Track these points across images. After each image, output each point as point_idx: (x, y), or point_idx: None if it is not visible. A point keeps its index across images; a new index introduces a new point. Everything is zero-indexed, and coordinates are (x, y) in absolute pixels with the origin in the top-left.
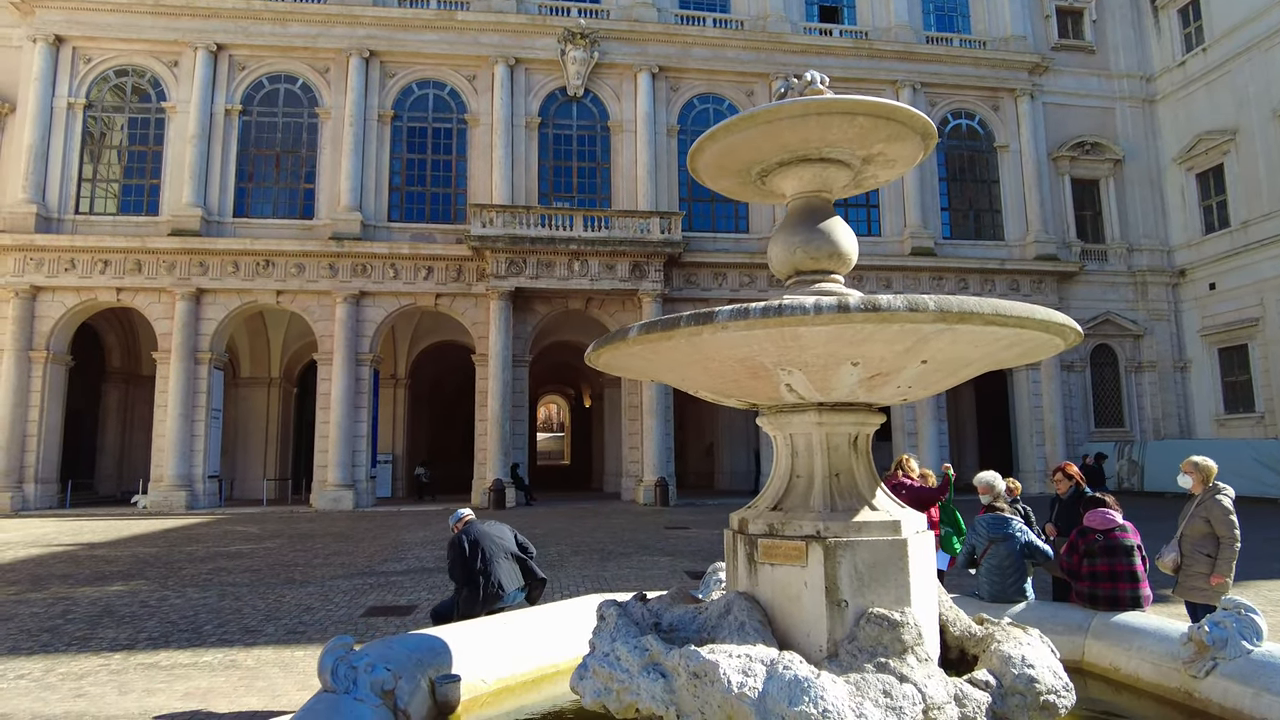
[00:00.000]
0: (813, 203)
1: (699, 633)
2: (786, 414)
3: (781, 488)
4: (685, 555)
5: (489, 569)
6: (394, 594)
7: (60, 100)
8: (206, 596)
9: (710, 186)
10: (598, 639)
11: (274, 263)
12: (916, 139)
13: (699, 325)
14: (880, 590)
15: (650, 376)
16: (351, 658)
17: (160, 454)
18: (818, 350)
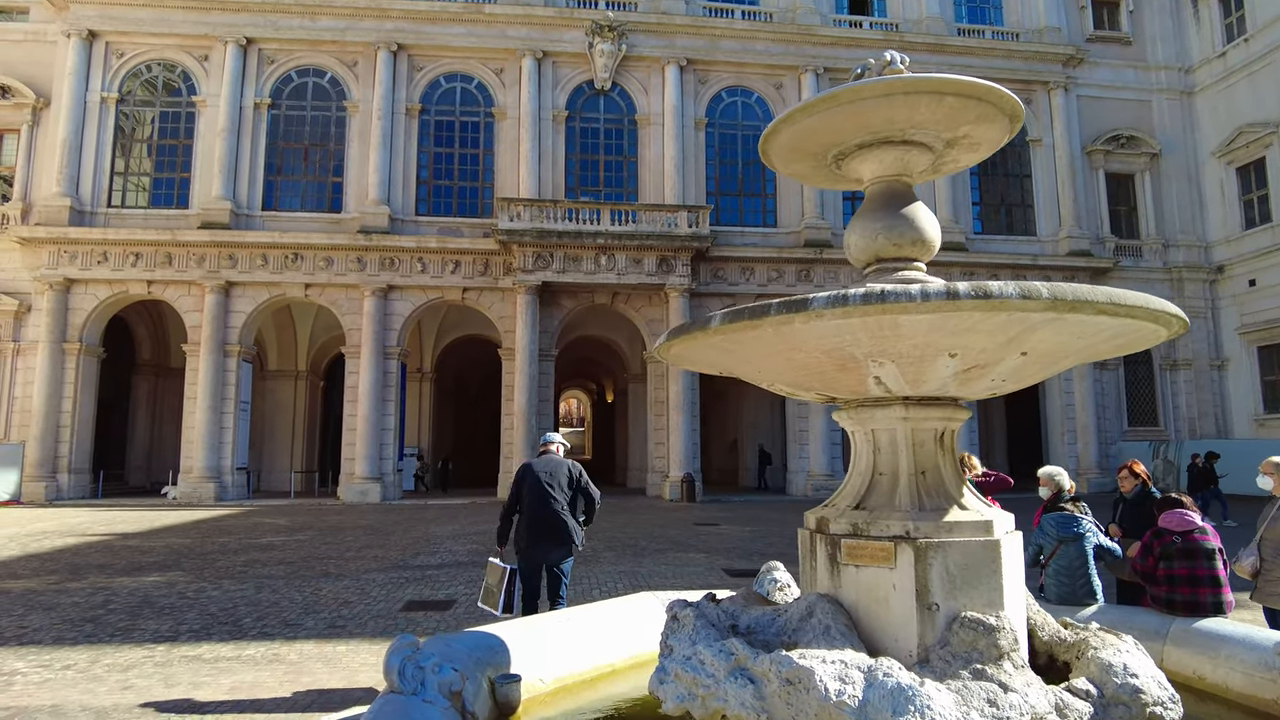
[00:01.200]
0: (894, 187)
1: (778, 636)
2: (869, 409)
3: (863, 486)
4: (720, 553)
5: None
6: (430, 588)
7: (93, 95)
8: (243, 589)
9: (781, 171)
10: (675, 641)
11: (302, 256)
12: (1004, 121)
13: (790, 313)
14: (972, 593)
15: (722, 369)
16: (419, 657)
17: (190, 446)
18: (916, 340)
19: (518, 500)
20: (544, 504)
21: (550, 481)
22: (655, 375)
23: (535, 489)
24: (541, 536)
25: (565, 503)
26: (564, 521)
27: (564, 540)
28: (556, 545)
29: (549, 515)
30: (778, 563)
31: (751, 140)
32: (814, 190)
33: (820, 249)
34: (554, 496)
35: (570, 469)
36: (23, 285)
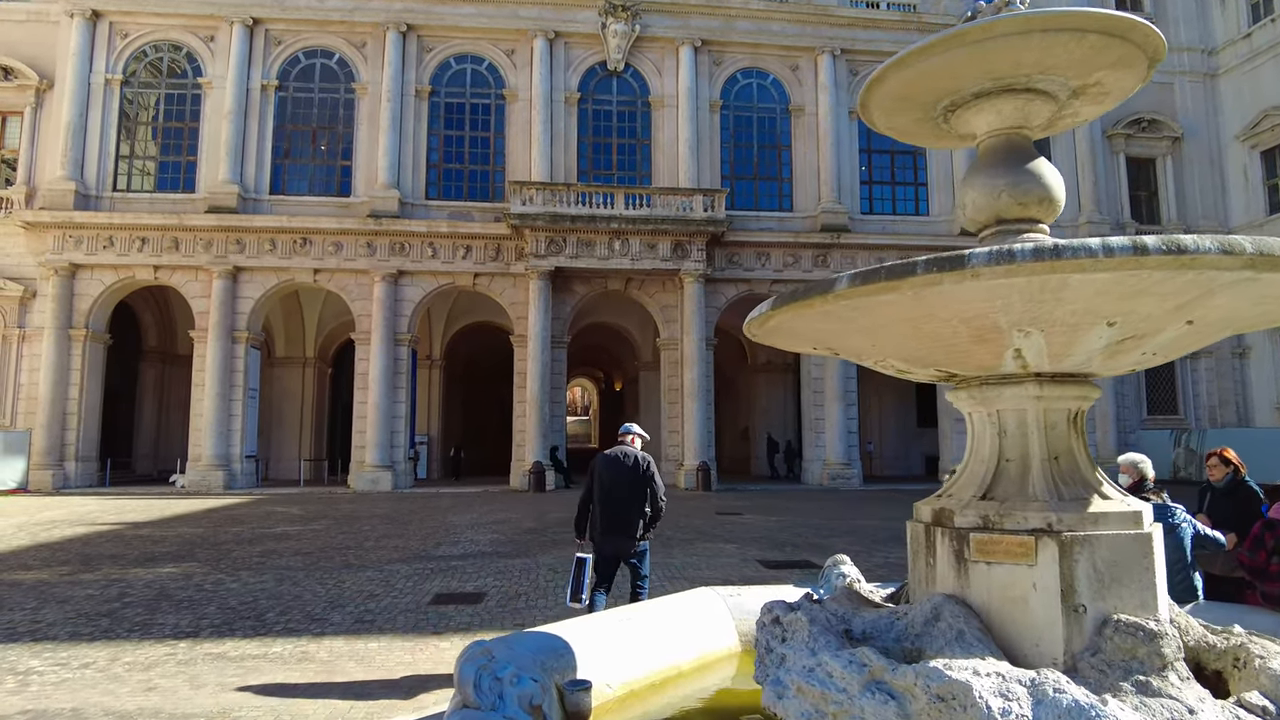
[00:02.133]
0: (1014, 141)
1: (898, 642)
2: (995, 387)
3: (986, 474)
4: (749, 543)
5: (599, 492)
6: (458, 580)
7: (97, 76)
8: (263, 580)
9: (878, 125)
10: (789, 649)
11: (311, 241)
12: (1143, 66)
13: (938, 273)
14: (1122, 593)
15: (822, 343)
16: (494, 667)
17: (198, 433)
18: (1077, 305)
19: (592, 490)
20: (611, 495)
21: (617, 472)
22: (669, 362)
23: (604, 480)
24: (610, 527)
25: (632, 494)
26: (630, 513)
27: (631, 531)
28: (625, 536)
29: (616, 506)
30: (844, 556)
31: (768, 122)
32: (831, 173)
33: (837, 233)
34: (621, 487)
35: (639, 460)
36: (27, 270)
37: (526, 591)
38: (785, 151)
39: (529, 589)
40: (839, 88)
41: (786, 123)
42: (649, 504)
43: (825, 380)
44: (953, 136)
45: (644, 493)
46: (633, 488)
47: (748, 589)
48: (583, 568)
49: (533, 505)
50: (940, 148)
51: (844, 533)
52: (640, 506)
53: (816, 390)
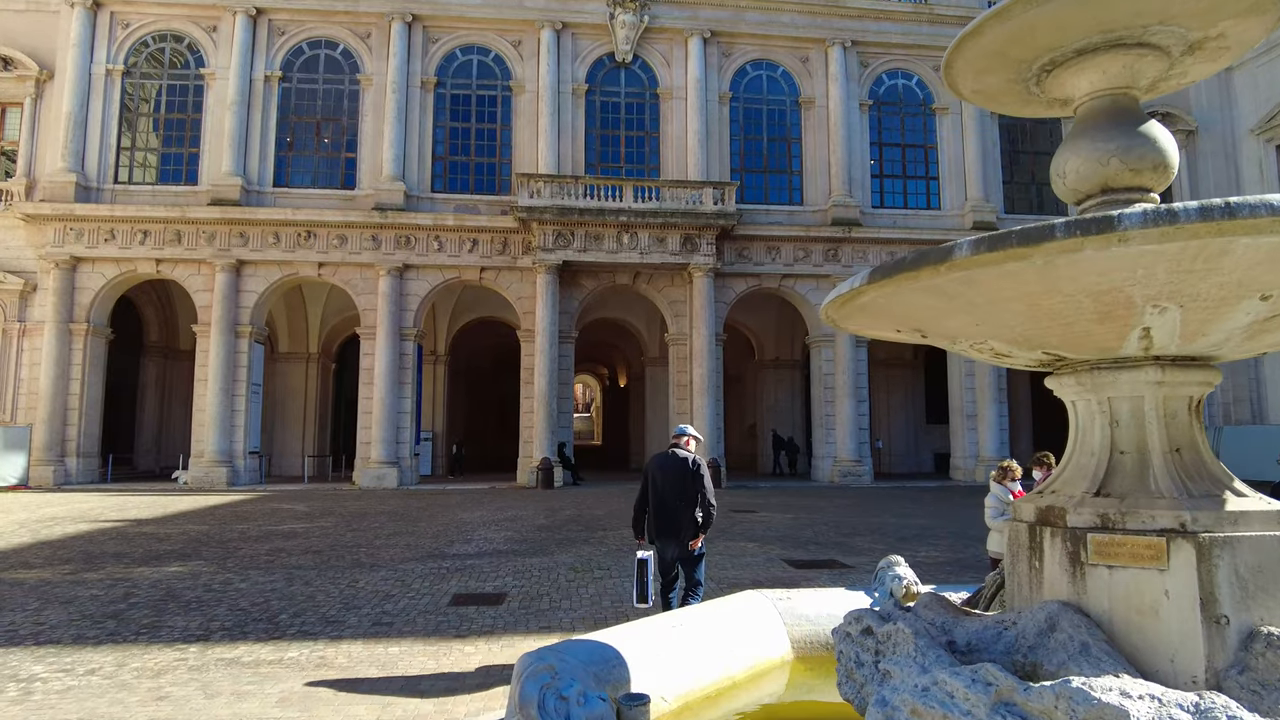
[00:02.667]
0: (1120, 102)
1: (1009, 654)
2: (1109, 371)
3: (1098, 468)
4: (770, 541)
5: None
6: (476, 580)
7: (98, 67)
8: (273, 580)
9: (963, 89)
10: (896, 665)
11: (315, 234)
12: (1272, 14)
13: (1082, 236)
14: (1269, 603)
15: (917, 324)
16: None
17: (201, 429)
18: (1230, 276)
19: (646, 492)
20: (662, 497)
21: (668, 474)
22: (678, 358)
23: (656, 482)
24: (662, 529)
25: (683, 496)
26: (680, 515)
27: (680, 533)
28: (675, 538)
29: (666, 508)
30: (898, 557)
31: (778, 114)
32: (842, 166)
33: (849, 227)
34: (671, 489)
35: (690, 462)
36: (28, 264)
37: (548, 592)
38: (795, 144)
39: (550, 589)
40: (850, 79)
41: (796, 115)
42: (700, 507)
43: (836, 376)
44: (1040, 103)
45: (695, 495)
46: (683, 490)
47: (798, 593)
48: (645, 569)
49: (542, 502)
50: (1022, 114)
51: (865, 531)
52: (691, 509)
53: (827, 386)
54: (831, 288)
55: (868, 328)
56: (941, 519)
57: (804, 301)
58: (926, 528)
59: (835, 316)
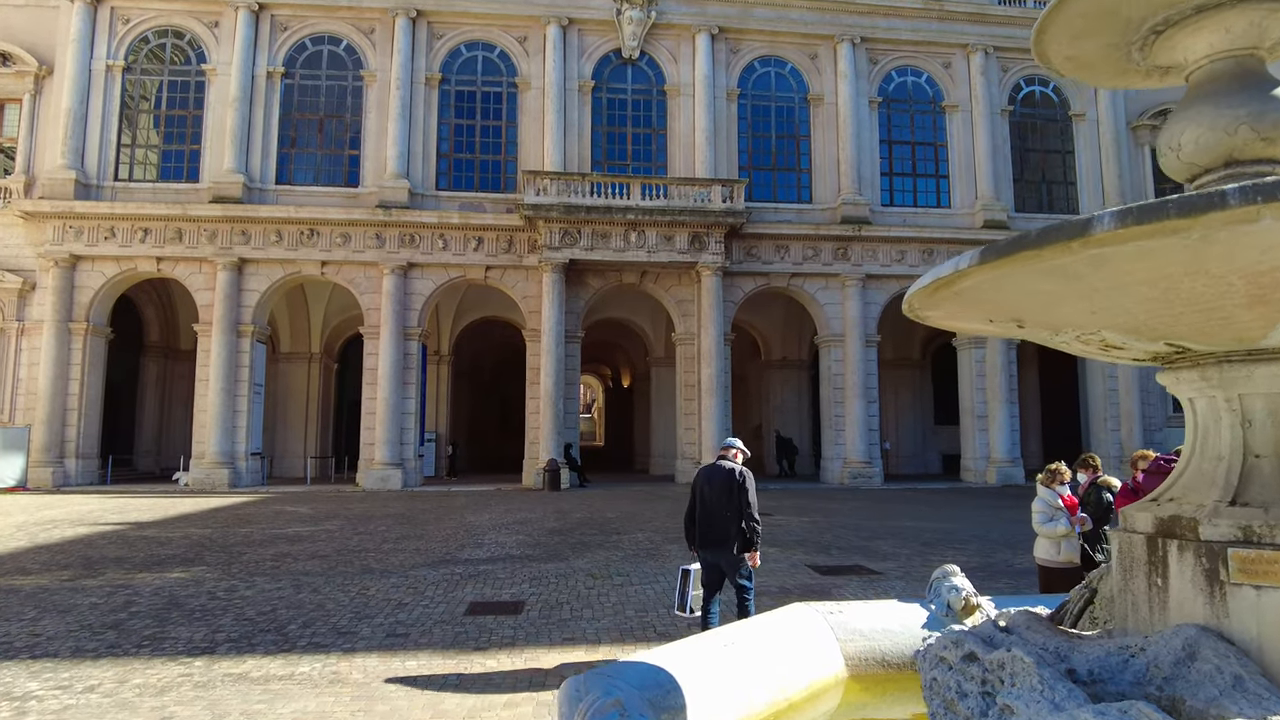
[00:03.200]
0: (1246, 64)
1: (1139, 685)
2: (1242, 365)
3: (1227, 473)
4: (791, 546)
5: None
6: (492, 587)
7: (98, 63)
8: (280, 587)
9: (1052, 56)
10: (1021, 702)
11: (318, 232)
12: None
13: (1263, 203)
14: None
15: (1020, 314)
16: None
17: (202, 430)
18: None
19: (694, 503)
20: (708, 507)
21: (714, 485)
22: (685, 358)
23: (703, 493)
24: (707, 540)
25: (728, 507)
26: (727, 525)
27: (725, 543)
28: (720, 547)
29: (712, 518)
30: (954, 567)
31: (786, 111)
32: (851, 164)
33: (858, 225)
34: (717, 500)
35: (735, 474)
36: (26, 262)
37: (568, 600)
38: (804, 141)
39: (570, 597)
40: (859, 76)
41: (805, 112)
42: (744, 516)
43: (846, 376)
44: (1139, 72)
45: (739, 505)
46: (728, 501)
47: (849, 606)
48: (686, 579)
49: (551, 505)
50: (1113, 85)
51: (885, 535)
52: (738, 520)
53: (837, 387)
54: (841, 287)
55: (954, 318)
56: (960, 522)
57: (813, 301)
58: (948, 531)
59: (921, 305)
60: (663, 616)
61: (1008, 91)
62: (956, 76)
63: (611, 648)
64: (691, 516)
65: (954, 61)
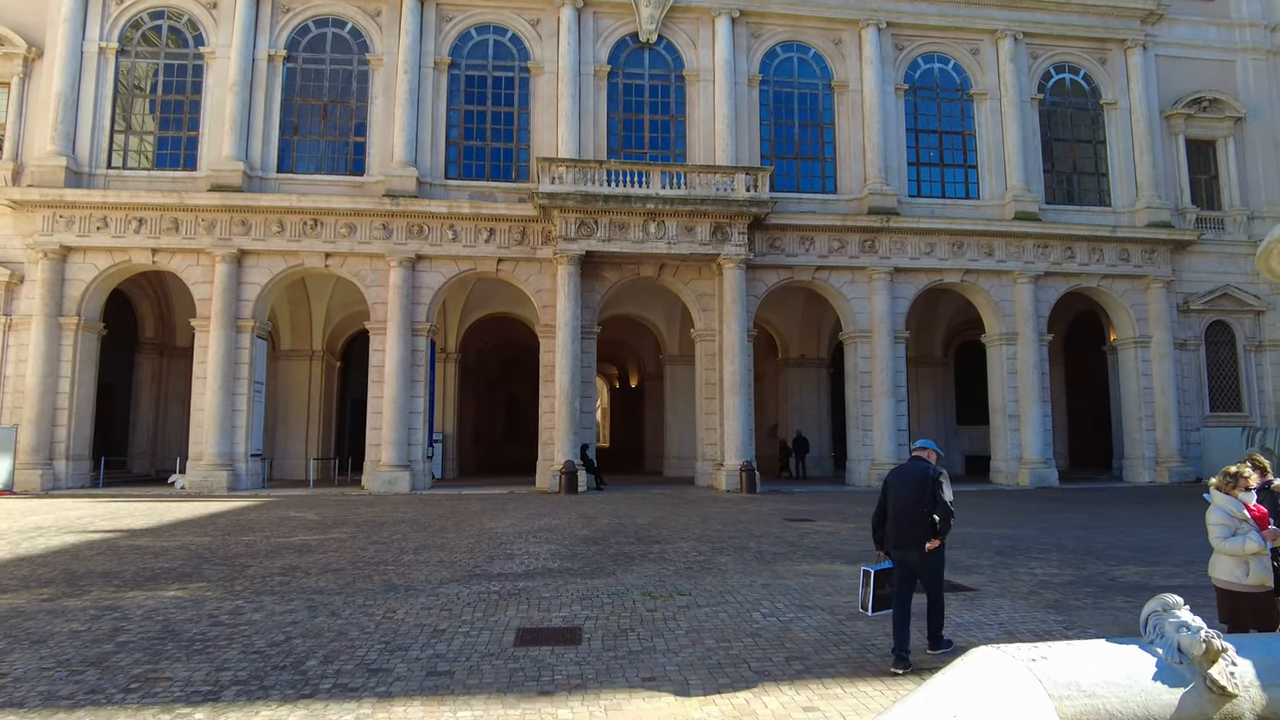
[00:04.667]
0: None
1: None
2: None
3: None
4: (856, 559)
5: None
6: (537, 609)
7: (91, 45)
8: (292, 609)
9: None
10: None
11: (322, 222)
12: None
13: None
14: None
15: None
16: None
17: (200, 430)
18: None
19: (884, 504)
20: (897, 508)
21: (905, 486)
22: (705, 354)
23: (893, 493)
24: (897, 540)
25: (917, 507)
26: (916, 526)
27: (913, 542)
28: (911, 547)
29: (900, 519)
30: (1175, 597)
31: (809, 98)
32: (877, 153)
33: (886, 216)
34: (907, 498)
35: (927, 472)
36: (14, 253)
37: (631, 626)
38: (828, 130)
39: (632, 622)
40: (884, 63)
41: (829, 99)
42: (937, 511)
43: (873, 374)
44: None
45: (931, 500)
46: (918, 500)
47: (1051, 650)
48: (868, 580)
49: (573, 509)
50: None
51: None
52: (928, 517)
53: (864, 385)
54: (868, 280)
55: None
56: (1020, 528)
57: (838, 295)
58: (1014, 538)
59: None
60: (750, 648)
61: (1037, 79)
62: (984, 63)
63: (707, 696)
64: (881, 517)
65: (982, 48)
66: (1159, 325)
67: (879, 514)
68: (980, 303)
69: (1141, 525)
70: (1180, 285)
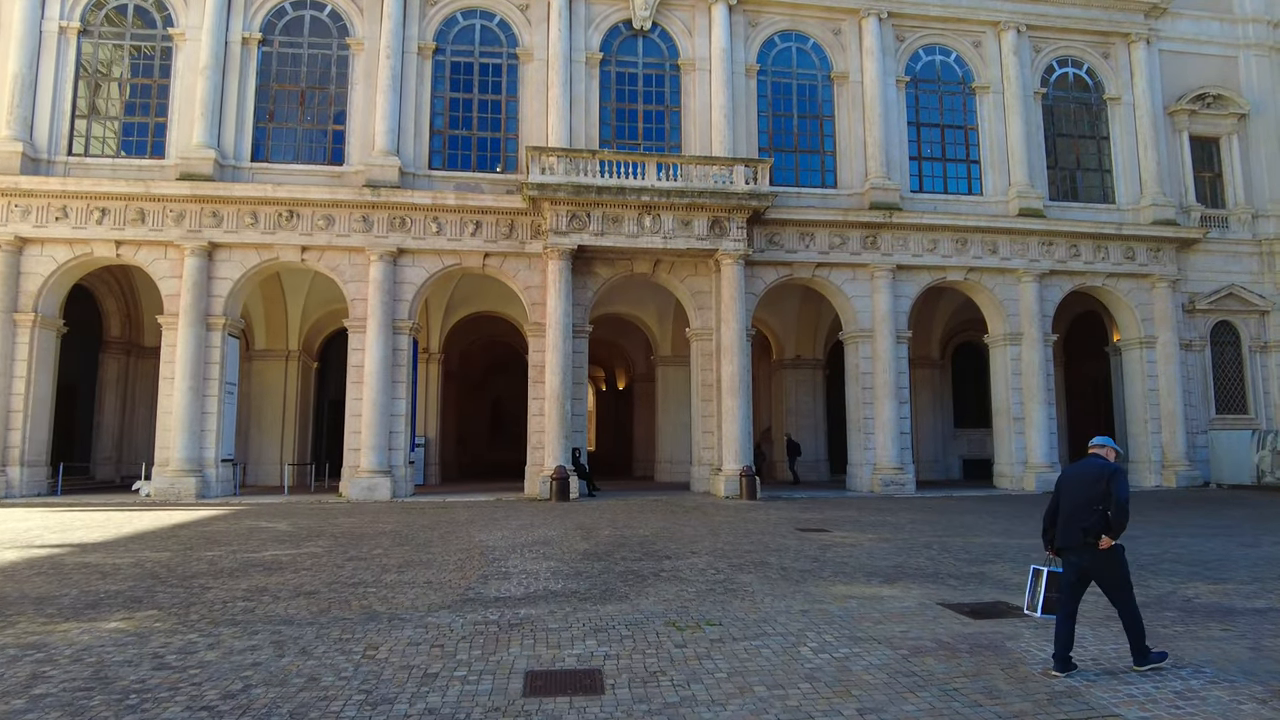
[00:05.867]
0: None
1: None
2: None
3: None
4: (899, 578)
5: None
6: (545, 644)
7: (50, 23)
8: (254, 645)
9: None
10: None
11: (298, 214)
12: None
13: None
14: None
15: None
16: None
17: (166, 434)
18: None
19: (1056, 504)
20: (1072, 505)
21: (1077, 483)
22: (701, 354)
23: (1065, 491)
24: (1067, 536)
25: (1089, 504)
26: (1084, 521)
27: (1084, 541)
28: (1081, 546)
29: (1070, 517)
30: None
31: (808, 90)
32: (879, 147)
33: (889, 212)
34: (1081, 496)
35: (1101, 469)
36: None
37: (662, 668)
38: (828, 122)
39: (661, 662)
40: (885, 54)
41: (829, 91)
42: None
43: (876, 375)
44: None
45: (1105, 496)
46: (1091, 497)
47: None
48: (1039, 579)
49: (568, 519)
50: None
51: (987, 555)
52: (1102, 515)
53: (865, 386)
54: (870, 278)
55: None
56: None
57: (839, 293)
58: None
59: None
60: (809, 696)
61: (1040, 73)
62: (987, 56)
63: None
64: (1052, 517)
65: (984, 40)
66: (1165, 325)
67: (1050, 513)
68: (984, 302)
69: (1177, 533)
70: (1185, 285)
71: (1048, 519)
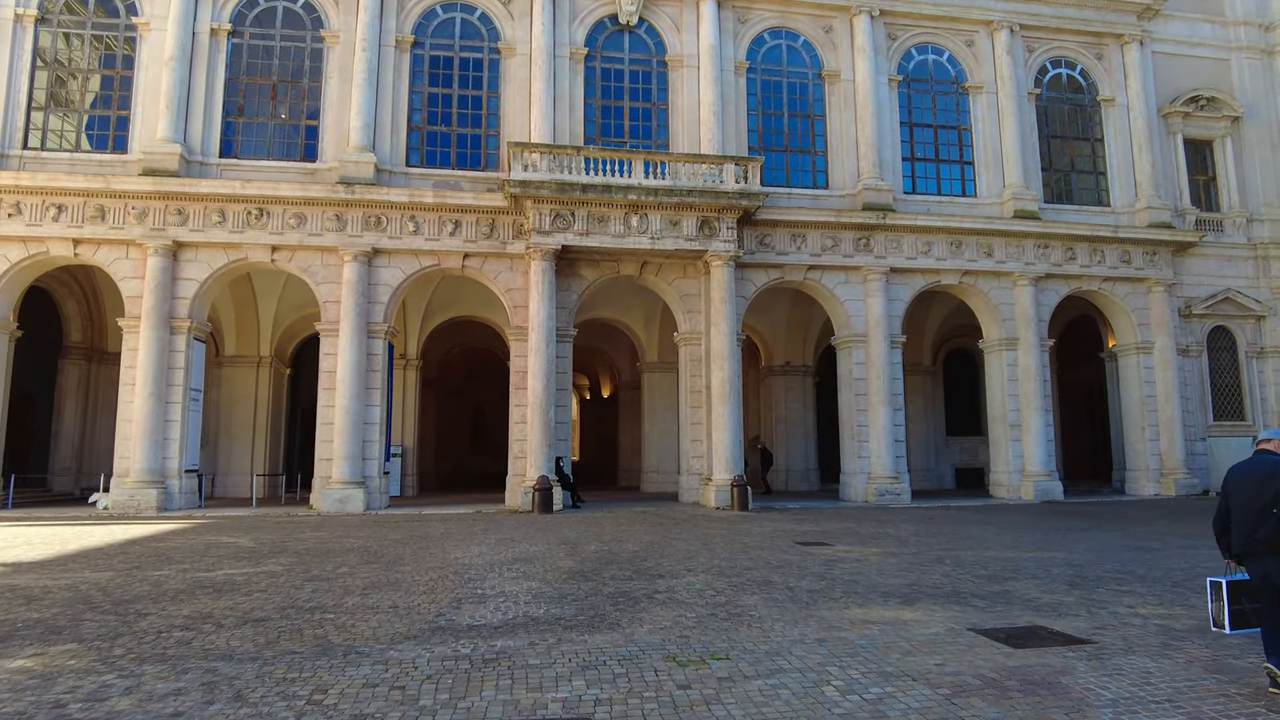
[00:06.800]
0: None
1: None
2: None
3: None
4: (919, 599)
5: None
6: (524, 685)
7: (6, 10)
8: (181, 689)
9: None
10: None
11: (269, 212)
12: None
13: None
14: None
15: None
16: None
17: (126, 443)
18: None
19: (1226, 508)
20: (1243, 508)
21: (1245, 483)
22: (690, 360)
23: (1233, 494)
24: (1244, 544)
25: (1260, 504)
26: (1260, 526)
27: (1263, 547)
28: (1260, 553)
29: (1243, 521)
30: None
31: (799, 88)
32: (871, 147)
33: (882, 213)
34: (1251, 497)
35: (1274, 467)
36: None
37: (663, 714)
38: (819, 121)
39: (663, 707)
40: (877, 52)
41: (820, 90)
42: None
43: (870, 381)
44: None
45: (1276, 503)
46: (1262, 503)
47: None
48: (1219, 592)
49: (551, 532)
50: None
51: (1006, 571)
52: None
53: (859, 393)
54: (863, 281)
55: None
56: (1066, 549)
57: (831, 296)
58: (1072, 563)
59: None
60: None
61: (1033, 74)
62: (980, 56)
63: None
64: (1224, 523)
65: (977, 40)
66: (1162, 330)
67: (1220, 519)
68: (979, 306)
69: (1194, 546)
70: (1180, 289)
71: (1218, 525)
